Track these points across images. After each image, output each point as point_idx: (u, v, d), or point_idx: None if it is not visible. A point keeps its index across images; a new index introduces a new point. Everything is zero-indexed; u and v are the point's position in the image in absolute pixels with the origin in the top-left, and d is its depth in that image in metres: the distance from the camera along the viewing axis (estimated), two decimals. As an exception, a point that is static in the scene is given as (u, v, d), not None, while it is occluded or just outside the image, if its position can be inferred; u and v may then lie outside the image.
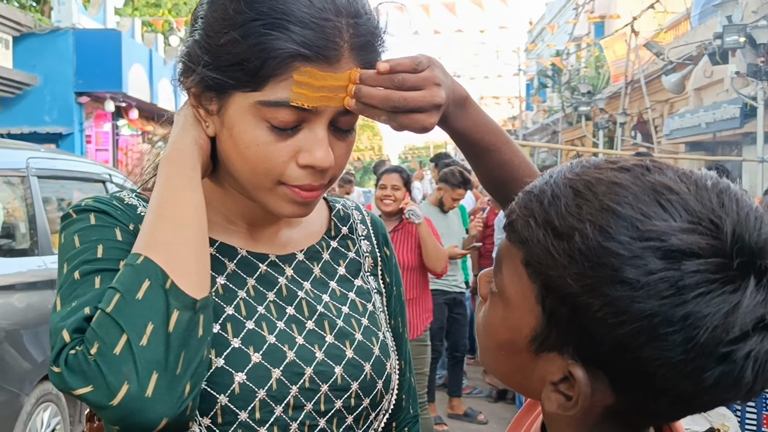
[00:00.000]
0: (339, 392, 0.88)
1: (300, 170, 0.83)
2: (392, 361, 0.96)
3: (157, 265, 0.75)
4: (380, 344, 0.94)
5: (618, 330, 0.58)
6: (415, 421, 1.08)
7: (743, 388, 0.59)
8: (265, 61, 0.78)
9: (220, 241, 0.92)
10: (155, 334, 0.73)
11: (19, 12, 12.94)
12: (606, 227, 0.58)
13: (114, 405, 0.70)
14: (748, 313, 0.56)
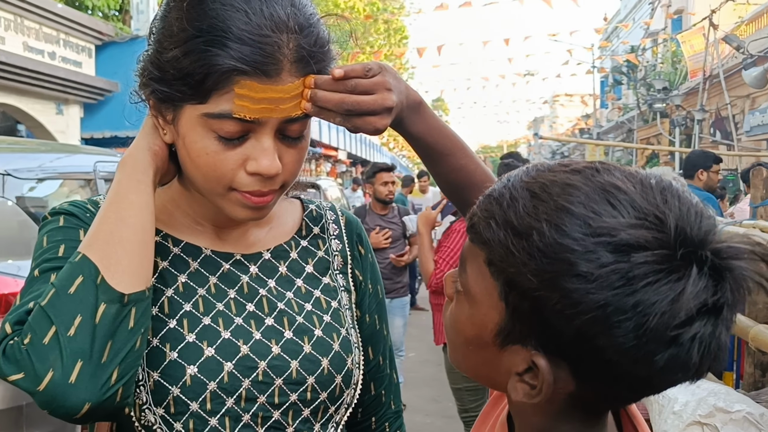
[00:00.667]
0: (294, 386, 0.93)
1: (249, 177, 0.88)
2: (354, 356, 0.99)
3: (92, 262, 0.82)
4: (341, 340, 0.98)
5: (575, 320, 0.62)
6: (397, 416, 1.12)
7: (691, 369, 0.64)
8: (206, 76, 0.83)
9: (185, 242, 0.98)
10: (82, 325, 0.79)
11: (102, 22, 13.53)
12: (561, 225, 0.62)
13: (40, 390, 0.77)
14: (692, 299, 0.60)
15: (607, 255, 0.60)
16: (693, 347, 0.62)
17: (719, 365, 0.68)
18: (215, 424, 0.89)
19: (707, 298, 0.61)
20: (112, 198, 0.88)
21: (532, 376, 0.67)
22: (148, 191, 0.89)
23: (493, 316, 0.68)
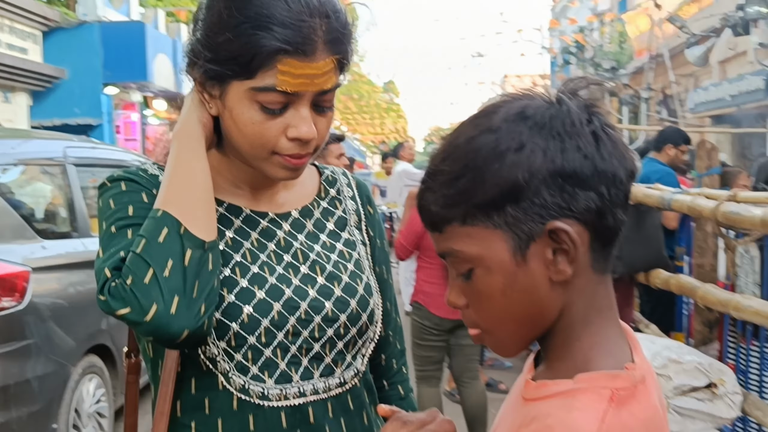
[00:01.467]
0: (329, 322, 1.07)
1: (289, 142, 1.02)
2: (375, 299, 1.14)
3: (173, 217, 0.96)
4: (364, 285, 1.13)
5: (533, 178, 0.74)
6: (402, 354, 1.27)
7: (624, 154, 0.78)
8: (254, 56, 0.97)
9: (228, 203, 1.11)
10: (174, 267, 0.93)
11: (47, 8, 13.23)
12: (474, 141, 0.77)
13: (147, 321, 0.91)
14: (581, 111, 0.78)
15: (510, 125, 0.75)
16: (609, 136, 0.77)
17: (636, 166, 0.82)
18: (269, 354, 1.03)
19: (582, 103, 0.78)
20: (175, 164, 1.01)
21: (561, 253, 0.75)
22: (204, 157, 1.03)
23: (501, 246, 0.75)
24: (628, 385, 0.76)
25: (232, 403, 1.03)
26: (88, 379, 3.74)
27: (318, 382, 1.07)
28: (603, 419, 0.73)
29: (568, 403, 0.76)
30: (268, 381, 1.04)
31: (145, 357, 1.12)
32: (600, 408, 0.74)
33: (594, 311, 0.80)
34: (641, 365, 0.79)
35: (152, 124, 16.46)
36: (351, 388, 1.11)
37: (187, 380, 1.04)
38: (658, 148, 5.04)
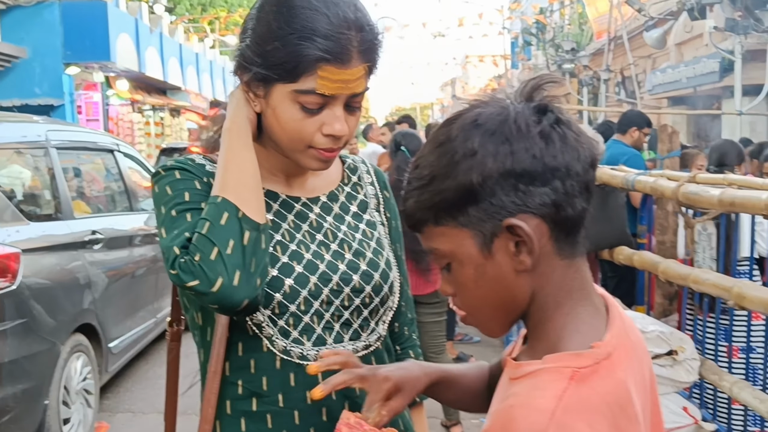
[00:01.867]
0: (357, 293, 1.22)
1: (324, 138, 1.16)
2: (393, 272, 1.30)
3: (231, 202, 1.10)
4: (385, 260, 1.28)
5: (486, 177, 0.81)
6: (412, 322, 1.42)
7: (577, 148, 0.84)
8: (298, 63, 1.10)
9: (266, 189, 1.24)
10: (235, 246, 1.07)
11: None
12: (436, 151, 0.86)
13: (214, 291, 1.05)
14: (529, 114, 0.84)
15: (465, 134, 0.83)
16: (561, 133, 0.83)
17: (598, 153, 0.89)
18: (307, 320, 1.18)
19: (531, 104, 0.85)
20: (229, 155, 1.14)
21: (522, 245, 0.82)
22: (252, 150, 1.16)
23: (470, 243, 0.84)
24: (591, 363, 0.82)
25: (275, 363, 1.17)
26: (76, 358, 3.84)
27: (348, 344, 1.21)
28: (561, 397, 0.79)
29: (532, 383, 0.83)
30: (306, 344, 1.18)
31: (192, 325, 1.25)
32: (560, 387, 0.80)
33: (563, 294, 0.87)
34: (612, 342, 0.85)
35: (114, 105, 16.27)
36: (375, 350, 1.26)
37: (234, 344, 1.18)
38: (622, 130, 5.27)
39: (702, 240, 3.22)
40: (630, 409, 0.83)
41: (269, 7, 1.14)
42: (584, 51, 20.04)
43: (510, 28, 29.54)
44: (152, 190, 1.20)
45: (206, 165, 1.23)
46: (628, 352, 0.87)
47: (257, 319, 1.16)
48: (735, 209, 2.57)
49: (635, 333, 0.94)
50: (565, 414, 0.78)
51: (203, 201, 1.14)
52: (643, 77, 17.48)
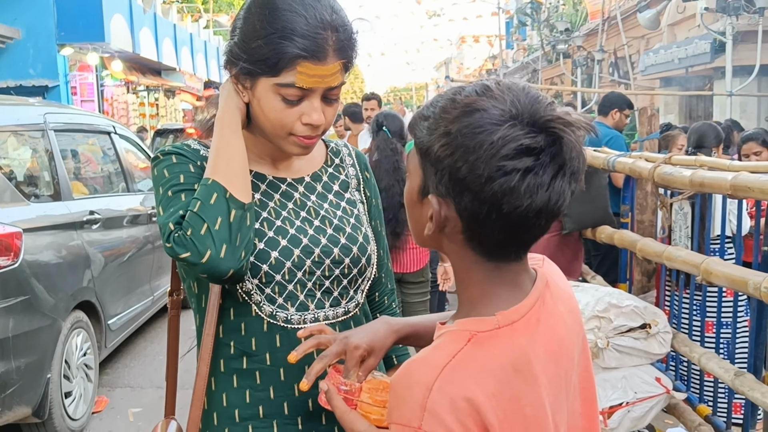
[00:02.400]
0: (336, 264, 1.35)
1: (303, 126, 1.28)
2: (371, 246, 1.42)
3: (220, 184, 1.22)
4: (363, 235, 1.41)
5: (445, 161, 0.89)
6: (392, 292, 1.56)
7: (525, 199, 0.86)
8: (280, 60, 1.22)
9: (255, 171, 1.37)
10: (223, 223, 1.20)
11: (-2, -35, 12.93)
12: (440, 109, 0.94)
13: (203, 262, 1.18)
14: (510, 141, 0.86)
15: (455, 120, 0.89)
16: (520, 178, 0.85)
17: (557, 213, 0.91)
18: (291, 288, 1.30)
19: (524, 140, 0.86)
20: (220, 142, 1.26)
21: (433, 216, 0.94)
22: (241, 137, 1.28)
23: (417, 179, 0.97)
24: (491, 328, 0.91)
25: (263, 326, 1.30)
26: (76, 334, 3.96)
27: (328, 310, 1.35)
28: (454, 355, 0.88)
29: (436, 343, 0.94)
30: (290, 309, 1.31)
31: (189, 293, 1.38)
32: (456, 347, 0.90)
33: (479, 273, 0.96)
34: (520, 311, 0.94)
35: (109, 86, 16.30)
36: (353, 315, 1.39)
37: (227, 310, 1.31)
38: (604, 112, 5.39)
39: (679, 219, 3.35)
40: (526, 372, 0.91)
41: (255, 9, 1.26)
42: (578, 31, 20.09)
43: (505, 8, 29.51)
44: (151, 173, 1.33)
45: (201, 150, 1.35)
46: (546, 323, 0.96)
47: (246, 287, 1.29)
48: (704, 189, 2.70)
49: (568, 307, 1.03)
50: (454, 370, 0.88)
51: (197, 183, 1.26)
52: (637, 58, 17.54)
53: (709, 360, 2.68)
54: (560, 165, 0.88)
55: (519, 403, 0.90)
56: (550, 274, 1.05)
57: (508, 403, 0.89)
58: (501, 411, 0.88)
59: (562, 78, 21.91)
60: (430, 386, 0.87)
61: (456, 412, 0.86)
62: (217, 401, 1.32)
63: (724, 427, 2.79)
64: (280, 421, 1.31)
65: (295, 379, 1.28)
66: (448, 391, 0.86)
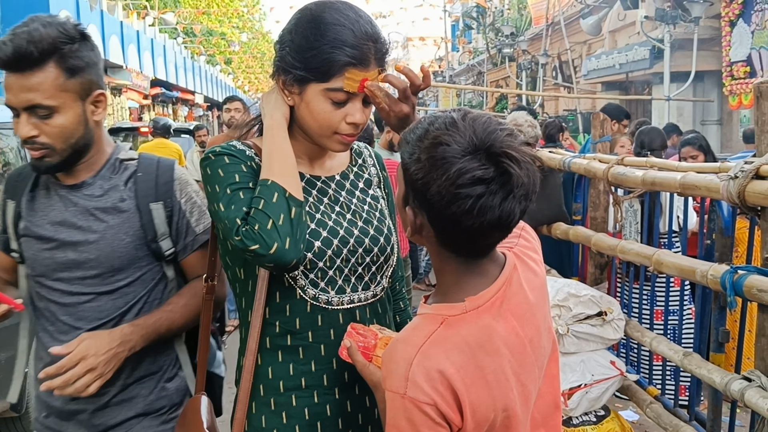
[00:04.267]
0: (367, 252, 1.52)
1: (347, 125, 1.45)
2: (394, 237, 1.60)
3: (280, 185, 1.37)
4: (387, 227, 1.58)
5: (417, 183, 1.11)
6: (402, 278, 1.73)
7: (476, 219, 1.07)
8: (330, 67, 1.39)
9: None
10: (285, 219, 1.35)
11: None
12: (415, 134, 1.16)
13: (271, 253, 1.32)
14: (465, 172, 1.07)
15: (426, 150, 1.10)
16: (473, 202, 1.05)
17: (510, 227, 1.13)
18: (331, 274, 1.46)
19: (476, 172, 1.06)
20: (273, 147, 1.41)
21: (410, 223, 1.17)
22: (289, 141, 1.44)
23: (401, 189, 1.19)
24: (459, 313, 1.14)
25: (306, 307, 1.45)
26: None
27: (361, 293, 1.51)
28: (429, 336, 1.13)
29: (414, 324, 1.19)
30: (331, 292, 1.47)
31: (235, 278, 1.50)
32: (431, 329, 1.14)
33: (452, 265, 1.18)
34: (485, 297, 1.15)
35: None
36: (380, 298, 1.56)
37: (272, 293, 1.45)
38: None
39: (629, 215, 3.62)
40: (489, 346, 1.14)
41: (305, 23, 1.42)
42: (523, 36, 20.55)
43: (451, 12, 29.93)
44: (203, 171, 1.45)
45: (246, 150, 1.48)
46: (509, 302, 1.18)
47: (293, 273, 1.44)
48: (655, 188, 2.96)
49: (534, 284, 1.26)
50: (429, 347, 1.12)
51: (250, 181, 1.41)
52: (579, 62, 18.05)
53: (659, 343, 2.93)
54: (509, 191, 1.08)
55: (482, 372, 1.13)
56: (520, 255, 1.26)
57: (473, 373, 1.12)
58: (468, 379, 1.11)
59: (507, 81, 22.37)
60: (411, 361, 1.11)
61: (431, 381, 1.09)
62: (263, 374, 1.47)
63: (672, 405, 3.05)
64: (320, 391, 1.46)
65: (333, 354, 1.45)
66: (424, 365, 1.10)
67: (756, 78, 10.57)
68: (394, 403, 1.11)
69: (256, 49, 45.03)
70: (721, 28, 11.59)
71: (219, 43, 35.44)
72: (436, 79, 30.13)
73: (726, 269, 2.33)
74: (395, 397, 1.11)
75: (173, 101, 27.06)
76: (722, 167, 2.57)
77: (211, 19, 33.63)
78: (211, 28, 34.00)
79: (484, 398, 1.12)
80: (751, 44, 10.88)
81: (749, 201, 2.24)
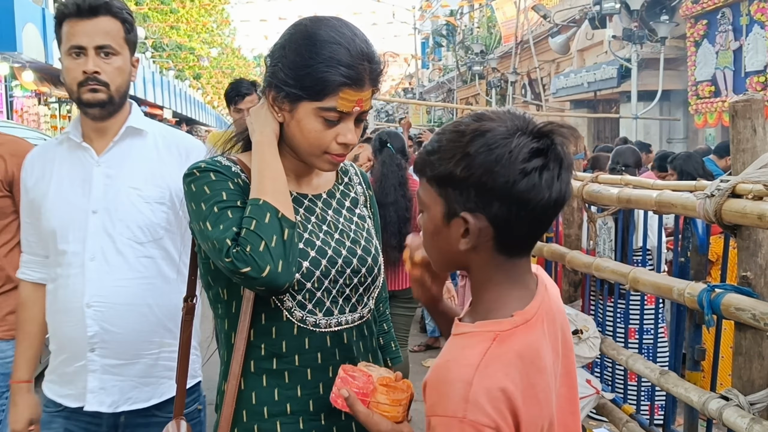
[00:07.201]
0: (355, 273, 1.47)
1: (338, 145, 1.41)
2: (380, 257, 1.56)
3: (272, 205, 1.32)
4: (374, 247, 1.54)
5: (471, 179, 1.05)
6: (385, 300, 1.69)
7: (545, 194, 1.04)
8: (325, 87, 1.35)
9: None
10: (278, 241, 1.30)
11: None
12: (450, 138, 1.10)
13: (263, 276, 1.27)
14: (523, 147, 1.04)
15: (470, 143, 1.05)
16: (539, 175, 1.02)
17: (565, 202, 1.09)
18: (319, 295, 1.42)
19: (533, 145, 1.04)
20: (263, 165, 1.36)
21: (467, 233, 1.07)
22: (279, 159, 1.39)
23: (438, 208, 1.10)
24: (509, 328, 1.08)
25: (293, 329, 1.40)
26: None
27: (348, 315, 1.47)
28: (484, 354, 1.05)
29: (464, 343, 1.09)
30: (318, 314, 1.42)
31: (217, 299, 1.44)
32: (484, 347, 1.06)
33: (501, 275, 1.12)
34: (531, 311, 1.10)
35: (18, 96, 15.72)
36: (366, 320, 1.52)
37: (258, 315, 1.40)
38: None
39: (603, 233, 3.62)
40: (539, 363, 1.09)
41: (300, 40, 1.37)
42: (493, 54, 20.77)
43: (421, 29, 30.17)
44: (187, 188, 1.40)
45: (231, 167, 1.43)
46: (547, 319, 1.14)
47: (280, 294, 1.38)
48: (630, 206, 2.96)
49: (557, 304, 1.22)
50: (486, 366, 1.04)
51: (238, 199, 1.36)
52: (548, 80, 18.27)
53: (635, 361, 2.92)
54: (561, 160, 1.07)
55: (534, 389, 1.08)
56: (541, 274, 1.22)
57: (527, 390, 1.06)
58: (524, 397, 1.05)
59: (477, 98, 22.56)
60: (470, 381, 1.02)
61: (494, 401, 1.02)
62: (246, 399, 1.41)
63: (647, 424, 3.04)
64: (306, 417, 1.41)
65: (320, 378, 1.40)
66: (485, 384, 1.03)
67: (720, 97, 10.79)
68: (450, 428, 1.02)
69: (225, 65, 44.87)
70: (687, 48, 11.81)
71: (188, 57, 35.23)
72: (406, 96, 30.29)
73: (703, 287, 2.33)
74: (451, 423, 1.02)
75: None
76: (698, 185, 2.58)
77: (180, 33, 33.45)
78: (180, 43, 33.79)
79: (536, 415, 1.07)
80: (716, 64, 11.10)
81: (725, 219, 2.24)
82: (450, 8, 25.78)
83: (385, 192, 4.09)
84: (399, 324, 4.25)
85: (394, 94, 37.45)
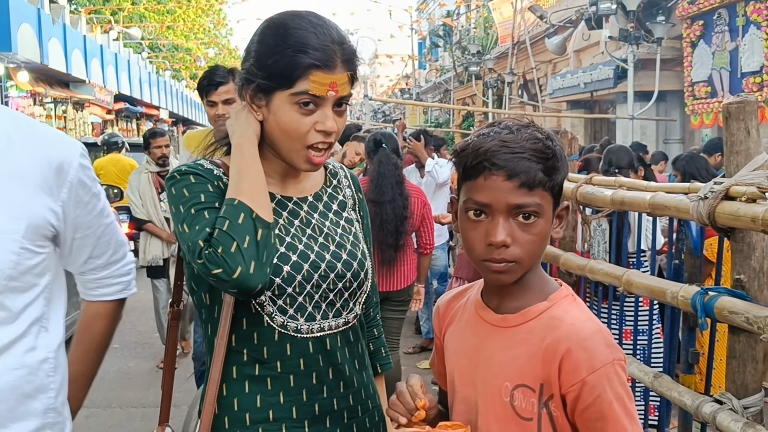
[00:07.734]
0: (339, 278, 1.44)
1: (317, 134, 1.37)
2: (368, 262, 1.53)
3: (246, 205, 1.30)
4: (361, 251, 1.51)
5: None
6: (377, 305, 1.66)
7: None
8: (294, 71, 1.33)
9: None
10: (251, 241, 1.27)
11: None
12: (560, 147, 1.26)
13: (234, 278, 1.25)
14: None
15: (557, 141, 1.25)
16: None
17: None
18: (301, 300, 1.39)
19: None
20: (242, 165, 1.34)
21: (562, 220, 1.27)
22: (259, 160, 1.37)
23: (550, 209, 1.22)
24: (572, 291, 1.27)
25: (275, 335, 1.38)
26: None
27: (332, 321, 1.43)
28: (582, 307, 1.24)
29: (563, 308, 1.22)
30: (300, 320, 1.39)
31: (200, 304, 1.43)
32: (576, 303, 1.24)
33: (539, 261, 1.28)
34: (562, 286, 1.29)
35: (14, 97, 15.67)
36: (352, 325, 1.49)
37: (239, 320, 1.38)
38: None
39: (597, 235, 3.61)
40: None
41: (268, 31, 1.37)
42: (489, 54, 20.74)
43: (418, 30, 30.14)
44: (168, 191, 1.38)
45: (214, 170, 1.42)
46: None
47: (260, 299, 1.36)
48: (624, 207, 2.94)
49: None
50: (592, 316, 1.24)
51: (216, 201, 1.34)
52: (545, 81, 18.25)
53: (629, 364, 2.90)
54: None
55: None
56: None
57: None
58: None
59: (473, 98, 22.54)
60: (601, 329, 1.20)
61: (612, 339, 1.21)
62: (228, 406, 1.39)
63: (642, 425, 3.02)
64: (289, 425, 1.39)
65: (303, 385, 1.38)
66: (602, 327, 1.21)
67: (717, 98, 10.78)
68: (608, 376, 1.15)
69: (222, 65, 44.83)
70: (683, 49, 11.81)
71: (185, 58, 35.18)
72: (403, 96, 30.26)
73: (696, 290, 2.31)
74: (606, 371, 1.15)
75: (137, 116, 26.73)
76: (692, 187, 2.56)
77: (177, 34, 33.40)
78: (176, 43, 33.74)
79: None
80: (712, 65, 11.10)
81: (719, 221, 2.22)
82: (447, 8, 25.75)
83: (382, 190, 4.13)
84: (390, 327, 4.23)
85: (391, 94, 37.46)
